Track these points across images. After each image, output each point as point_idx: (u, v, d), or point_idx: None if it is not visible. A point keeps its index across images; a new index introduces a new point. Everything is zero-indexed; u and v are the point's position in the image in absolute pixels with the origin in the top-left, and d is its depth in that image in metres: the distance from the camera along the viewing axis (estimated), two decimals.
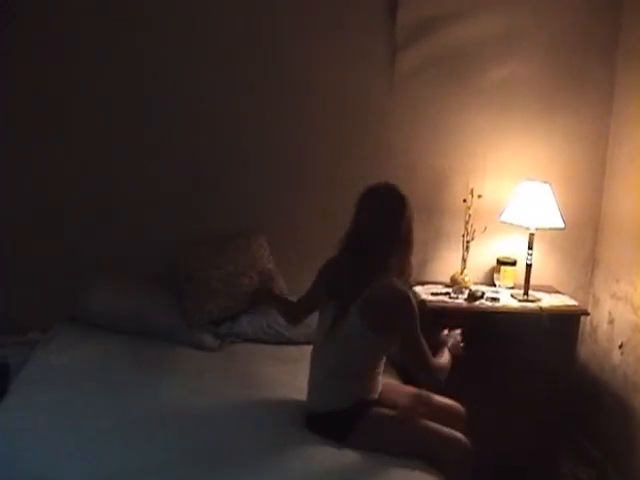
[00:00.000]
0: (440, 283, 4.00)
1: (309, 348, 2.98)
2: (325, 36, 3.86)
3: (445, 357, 2.90)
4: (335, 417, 2.76)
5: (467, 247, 3.96)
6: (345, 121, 3.94)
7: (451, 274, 3.99)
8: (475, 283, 4.02)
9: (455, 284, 3.89)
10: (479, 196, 3.93)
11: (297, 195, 3.99)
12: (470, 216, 3.92)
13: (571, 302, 3.88)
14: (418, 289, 3.87)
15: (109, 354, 3.32)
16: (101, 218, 3.89)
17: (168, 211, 3.92)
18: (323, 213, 3.92)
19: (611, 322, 3.94)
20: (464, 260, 3.98)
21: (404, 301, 2.72)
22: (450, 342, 3.03)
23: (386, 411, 2.79)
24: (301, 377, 2.99)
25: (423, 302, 3.69)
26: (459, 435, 2.73)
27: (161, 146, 3.88)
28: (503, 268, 3.99)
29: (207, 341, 3.58)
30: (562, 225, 3.82)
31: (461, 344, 3.05)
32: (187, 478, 2.42)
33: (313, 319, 3.08)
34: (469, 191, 3.93)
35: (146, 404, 2.89)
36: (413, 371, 2.86)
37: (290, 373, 3.28)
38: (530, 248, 3.83)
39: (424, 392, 2.96)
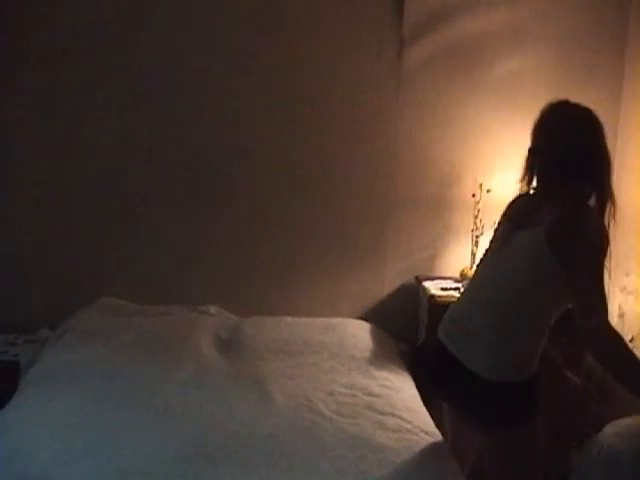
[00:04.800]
0: (449, 278, 3.98)
1: None
2: (331, 32, 3.87)
3: None
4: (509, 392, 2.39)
5: (476, 242, 3.93)
6: (352, 117, 3.94)
7: (460, 269, 3.97)
8: None
9: (465, 279, 3.87)
10: (488, 191, 3.91)
11: (303, 194, 4.00)
12: (479, 211, 3.89)
13: None
14: (427, 284, 3.86)
15: (119, 350, 3.33)
16: (110, 220, 3.94)
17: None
18: (330, 208, 3.97)
19: (621, 316, 3.93)
20: (473, 255, 3.95)
21: (593, 231, 2.29)
22: None
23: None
24: None
25: (432, 297, 3.69)
26: None
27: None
28: None
29: None
30: None
31: None
32: (198, 473, 2.43)
33: None
34: (478, 186, 3.92)
35: (157, 399, 2.90)
36: (581, 322, 2.22)
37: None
38: None
39: None
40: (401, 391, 3.18)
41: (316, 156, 3.96)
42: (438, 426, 2.91)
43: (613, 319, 3.98)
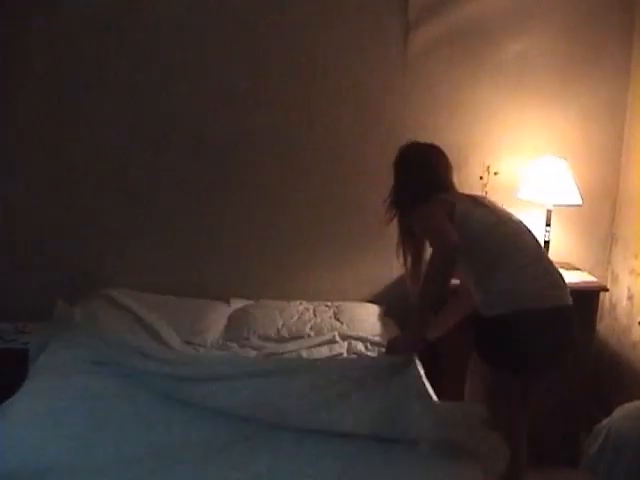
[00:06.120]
0: None
1: None
2: (336, 16, 3.84)
3: None
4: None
5: None
6: (359, 101, 3.92)
7: None
8: None
9: None
10: (495, 173, 3.91)
11: (311, 179, 4.00)
12: (487, 193, 3.87)
13: (590, 279, 3.86)
14: None
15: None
16: (115, 209, 3.96)
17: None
18: (338, 193, 3.97)
19: (630, 298, 3.92)
20: None
21: None
22: None
23: None
24: None
25: None
26: None
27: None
28: None
29: None
30: (580, 201, 3.79)
31: None
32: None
33: None
34: (485, 168, 3.91)
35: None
36: None
37: None
38: (548, 225, 3.82)
39: None
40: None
41: (323, 141, 3.94)
42: None
43: (622, 302, 3.98)
